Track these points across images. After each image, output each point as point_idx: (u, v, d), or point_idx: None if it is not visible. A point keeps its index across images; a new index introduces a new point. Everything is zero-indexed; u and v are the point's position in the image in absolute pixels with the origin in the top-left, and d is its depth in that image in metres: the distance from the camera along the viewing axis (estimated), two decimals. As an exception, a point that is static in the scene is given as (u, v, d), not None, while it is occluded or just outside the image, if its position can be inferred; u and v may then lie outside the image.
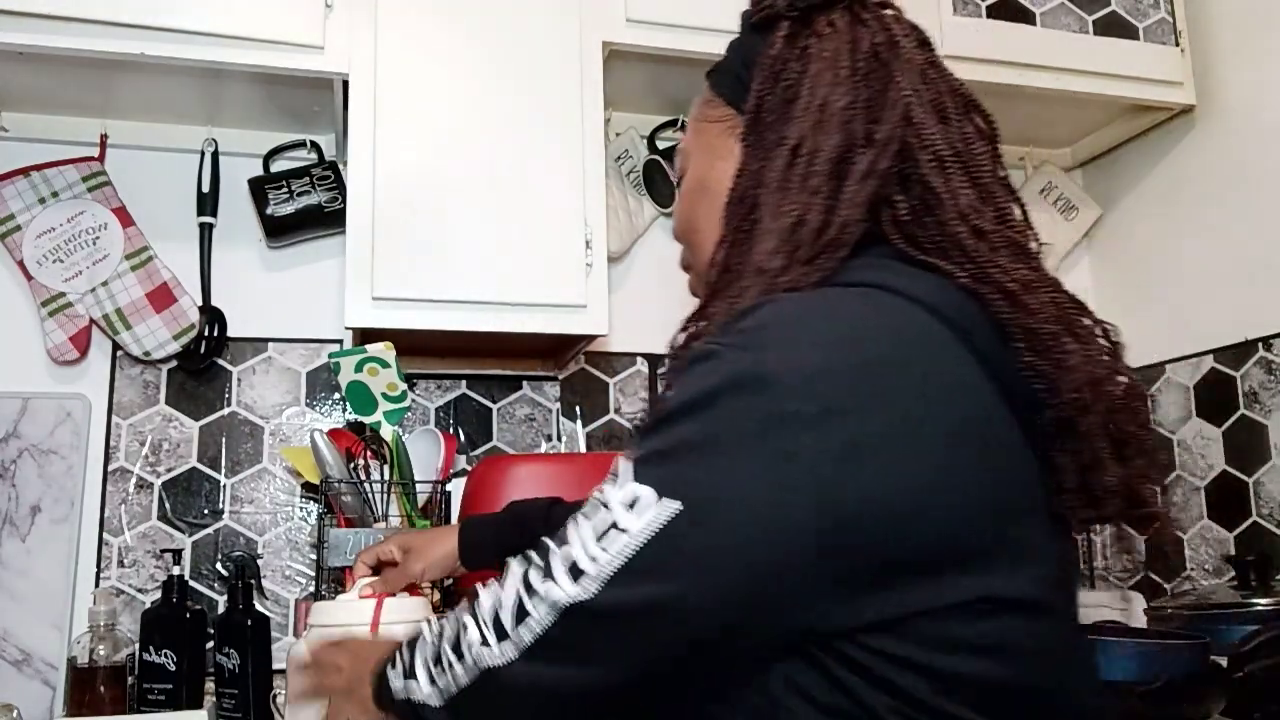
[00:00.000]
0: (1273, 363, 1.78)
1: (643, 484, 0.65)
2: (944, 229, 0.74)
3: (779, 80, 0.79)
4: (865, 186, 0.74)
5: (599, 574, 0.65)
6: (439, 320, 1.54)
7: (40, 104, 1.70)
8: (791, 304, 0.70)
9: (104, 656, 1.48)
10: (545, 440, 1.90)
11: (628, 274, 1.97)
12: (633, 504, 0.65)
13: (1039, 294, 0.72)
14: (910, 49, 0.80)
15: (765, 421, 0.63)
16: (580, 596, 0.66)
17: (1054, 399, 0.69)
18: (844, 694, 0.65)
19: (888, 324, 0.69)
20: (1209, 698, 1.28)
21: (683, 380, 0.68)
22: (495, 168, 1.56)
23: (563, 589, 0.67)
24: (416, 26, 1.56)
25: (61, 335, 1.66)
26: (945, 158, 0.76)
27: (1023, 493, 0.68)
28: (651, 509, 0.64)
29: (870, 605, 0.63)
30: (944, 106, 0.79)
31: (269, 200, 1.76)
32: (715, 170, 0.84)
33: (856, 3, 0.82)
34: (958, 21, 1.80)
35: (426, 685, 0.76)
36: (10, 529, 1.62)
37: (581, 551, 0.67)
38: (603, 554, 0.66)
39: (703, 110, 0.88)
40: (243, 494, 1.76)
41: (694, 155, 0.88)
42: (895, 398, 0.65)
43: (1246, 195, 1.85)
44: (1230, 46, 1.90)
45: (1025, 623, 0.66)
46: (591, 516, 0.68)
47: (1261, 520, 1.79)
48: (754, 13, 0.85)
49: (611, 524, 0.66)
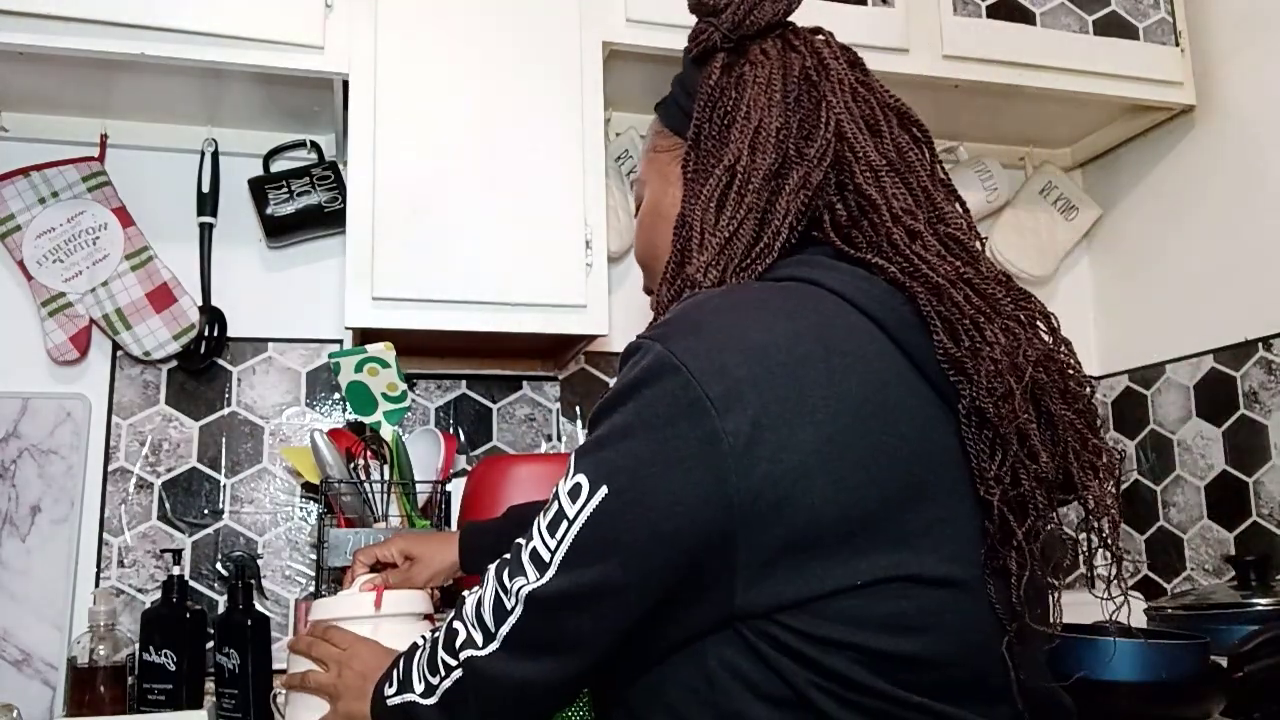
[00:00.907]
0: (1273, 363, 1.78)
1: (580, 473, 0.72)
2: (878, 230, 0.79)
3: (716, 107, 0.85)
4: (798, 199, 0.80)
5: (552, 561, 0.72)
6: (439, 320, 1.54)
7: (40, 104, 1.70)
8: (706, 297, 0.76)
9: (104, 656, 1.48)
10: (545, 440, 1.90)
11: (628, 274, 1.97)
12: (573, 492, 0.71)
13: (970, 286, 0.76)
14: (840, 70, 0.85)
15: (675, 406, 0.68)
16: (538, 583, 0.72)
17: (969, 386, 0.72)
18: (773, 672, 0.68)
19: (797, 311, 0.73)
20: (1209, 698, 1.28)
21: (618, 375, 0.75)
22: (495, 167, 1.56)
23: (527, 579, 0.73)
24: (416, 26, 1.56)
25: (61, 335, 1.66)
26: (878, 167, 0.81)
27: (936, 474, 0.71)
28: (585, 495, 0.70)
29: (788, 585, 0.67)
30: (876, 120, 0.84)
31: (269, 200, 1.76)
32: (668, 196, 0.90)
33: (789, 30, 0.88)
34: (958, 21, 1.80)
35: (420, 686, 0.81)
36: (10, 529, 1.62)
37: (540, 542, 0.73)
38: (554, 541, 0.72)
39: (654, 141, 0.94)
40: (243, 494, 1.76)
41: (649, 183, 0.94)
42: (797, 379, 0.68)
43: (1246, 195, 1.85)
44: (1230, 46, 1.90)
45: (940, 600, 0.68)
46: (548, 510, 0.74)
47: (1261, 520, 1.79)
48: (692, 47, 0.90)
49: (558, 512, 0.72)
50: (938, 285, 0.74)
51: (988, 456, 0.71)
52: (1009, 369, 0.71)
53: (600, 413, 0.74)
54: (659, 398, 0.69)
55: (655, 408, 0.69)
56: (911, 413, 0.71)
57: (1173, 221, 2.02)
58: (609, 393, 0.74)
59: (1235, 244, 1.87)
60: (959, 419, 0.72)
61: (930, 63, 1.77)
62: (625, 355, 0.75)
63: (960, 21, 1.81)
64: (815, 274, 0.77)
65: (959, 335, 0.73)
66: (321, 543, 1.53)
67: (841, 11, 1.73)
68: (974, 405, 0.72)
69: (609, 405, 0.73)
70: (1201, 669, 1.27)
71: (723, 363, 0.69)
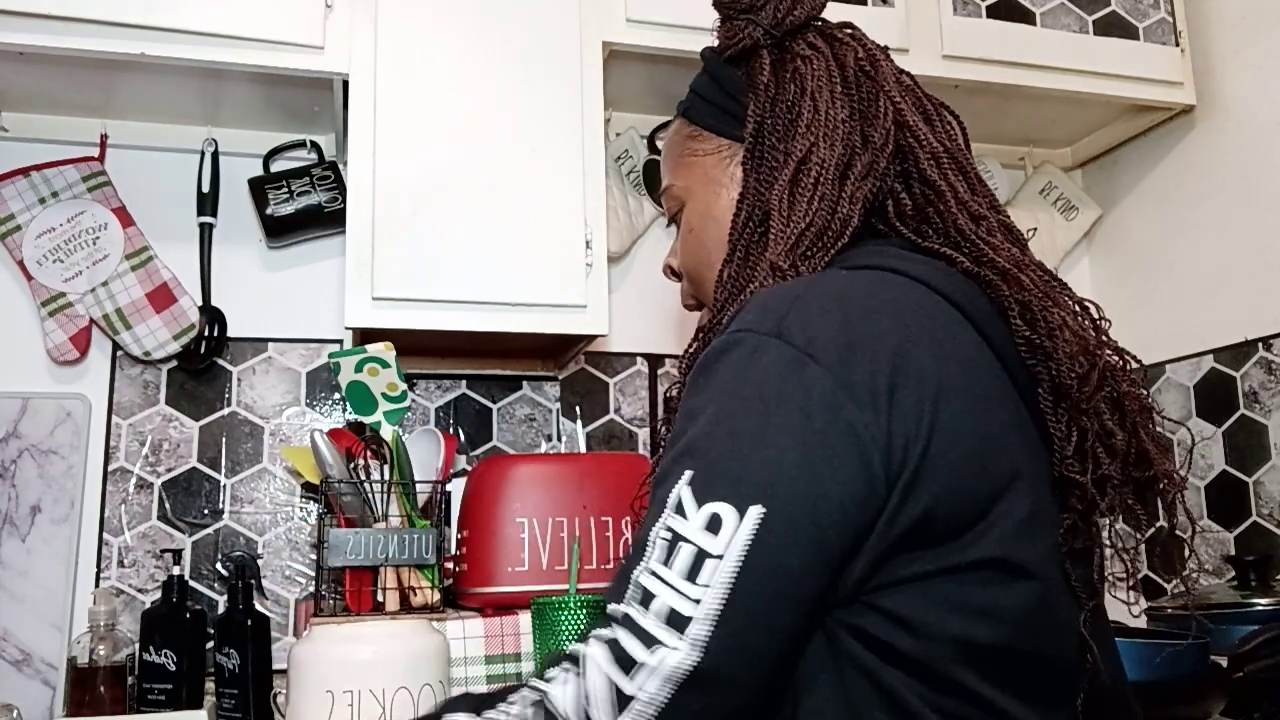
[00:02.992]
0: (1273, 363, 1.78)
1: (715, 501, 0.62)
2: (944, 218, 0.80)
3: (777, 103, 0.85)
4: (865, 185, 0.81)
5: (709, 611, 0.60)
6: (439, 320, 1.54)
7: (40, 104, 1.70)
8: (804, 287, 0.72)
9: (104, 656, 1.48)
10: (545, 440, 1.90)
11: (628, 274, 1.97)
12: (713, 525, 0.62)
13: (1029, 272, 0.77)
14: (886, 61, 0.88)
15: (810, 402, 0.64)
16: (695, 651, 0.60)
17: (1052, 366, 0.72)
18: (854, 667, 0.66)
19: (898, 300, 0.72)
20: (1209, 698, 1.28)
21: (708, 380, 0.68)
22: (495, 168, 1.56)
23: (673, 649, 0.60)
24: (416, 26, 1.56)
25: (61, 335, 1.66)
26: (939, 154, 0.83)
27: (1026, 463, 0.70)
28: (736, 523, 0.61)
29: (907, 563, 0.65)
30: (927, 109, 0.87)
31: (269, 200, 1.76)
32: (720, 199, 0.89)
33: (824, 25, 0.90)
34: (958, 21, 1.80)
35: None
36: (10, 529, 1.62)
37: (677, 597, 0.61)
38: (704, 589, 0.61)
39: (689, 145, 0.93)
40: (243, 494, 1.76)
41: (692, 190, 0.92)
42: (913, 369, 0.67)
43: (1246, 195, 1.85)
44: (1230, 46, 1.90)
45: (1029, 590, 0.67)
46: (667, 559, 0.62)
47: (1261, 520, 1.79)
48: (728, 46, 0.90)
49: (698, 554, 0.61)
50: (1006, 271, 0.75)
51: (1065, 437, 0.72)
52: (1082, 351, 0.73)
53: (711, 422, 0.65)
54: (790, 394, 0.64)
55: (789, 406, 0.64)
56: (1003, 402, 0.72)
57: (1173, 221, 2.02)
58: (708, 396, 0.67)
59: (1235, 244, 1.87)
60: (1030, 408, 0.73)
61: (930, 63, 1.77)
62: (713, 356, 0.69)
63: (960, 21, 1.81)
64: (896, 263, 0.76)
65: (1036, 320, 0.73)
66: (321, 543, 1.53)
67: (841, 11, 1.72)
68: (1055, 385, 0.72)
69: (726, 412, 0.65)
70: (1201, 669, 1.27)
71: (847, 352, 0.65)
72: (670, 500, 0.64)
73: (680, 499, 0.63)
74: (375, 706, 1.12)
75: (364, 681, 1.13)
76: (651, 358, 1.97)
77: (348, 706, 1.12)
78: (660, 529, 0.64)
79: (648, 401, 1.96)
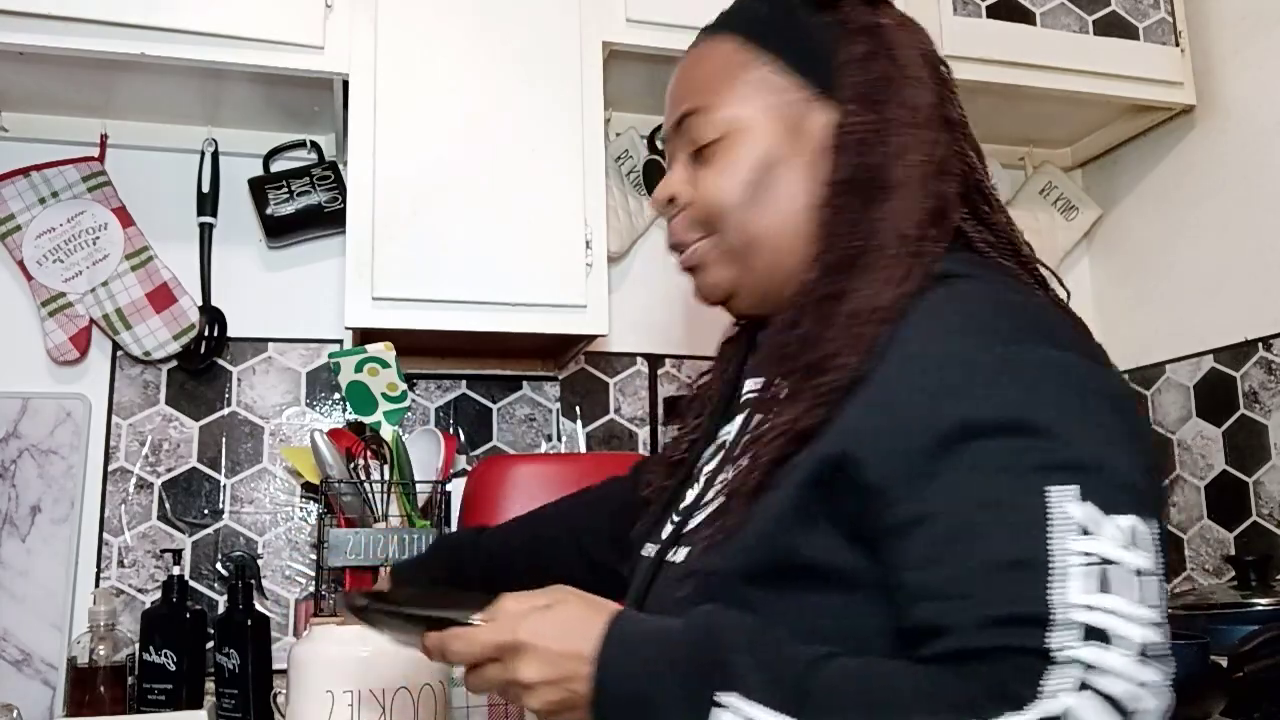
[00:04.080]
0: (1273, 363, 1.78)
1: (1124, 514, 0.60)
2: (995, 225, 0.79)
3: (882, 65, 0.79)
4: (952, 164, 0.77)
5: (1164, 633, 0.59)
6: (439, 320, 1.54)
7: (40, 104, 1.70)
8: (1022, 296, 0.72)
9: (104, 656, 1.48)
10: (545, 440, 1.90)
11: (628, 274, 1.97)
12: (1132, 542, 0.59)
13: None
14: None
15: (1115, 412, 0.64)
16: (1165, 671, 0.59)
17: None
18: None
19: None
20: (1209, 698, 1.28)
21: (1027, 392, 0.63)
22: (495, 168, 1.56)
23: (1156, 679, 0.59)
24: (416, 26, 1.56)
25: (61, 335, 1.66)
26: (981, 152, 0.82)
27: None
28: (1147, 533, 0.60)
29: None
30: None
31: (269, 200, 1.76)
32: (799, 149, 0.79)
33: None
34: (958, 21, 1.80)
35: None
36: (10, 529, 1.62)
37: (1144, 629, 0.58)
38: (1156, 611, 0.59)
39: (754, 72, 0.81)
40: (243, 494, 1.76)
41: (754, 128, 0.80)
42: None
43: (1246, 195, 1.85)
44: (1230, 46, 1.90)
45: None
46: (1115, 587, 0.58)
47: (1261, 520, 1.79)
48: None
49: (1136, 572, 0.59)
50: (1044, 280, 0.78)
51: None
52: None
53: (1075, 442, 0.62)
54: (1110, 407, 0.64)
55: (1113, 415, 0.64)
56: None
57: (1173, 221, 2.02)
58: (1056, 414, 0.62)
59: (1235, 244, 1.87)
60: None
61: (930, 63, 1.77)
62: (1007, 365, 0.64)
63: (960, 21, 1.80)
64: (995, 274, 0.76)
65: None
66: (321, 543, 1.53)
67: (841, 11, 1.72)
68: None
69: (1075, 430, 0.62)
70: (1201, 669, 1.27)
71: (1109, 365, 0.69)
72: (1078, 517, 0.59)
73: (1091, 518, 0.59)
74: (375, 706, 1.12)
75: (364, 681, 1.12)
76: (651, 358, 1.97)
77: (348, 706, 1.12)
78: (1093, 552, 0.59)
79: (648, 401, 1.96)
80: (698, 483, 0.85)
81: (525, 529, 1.15)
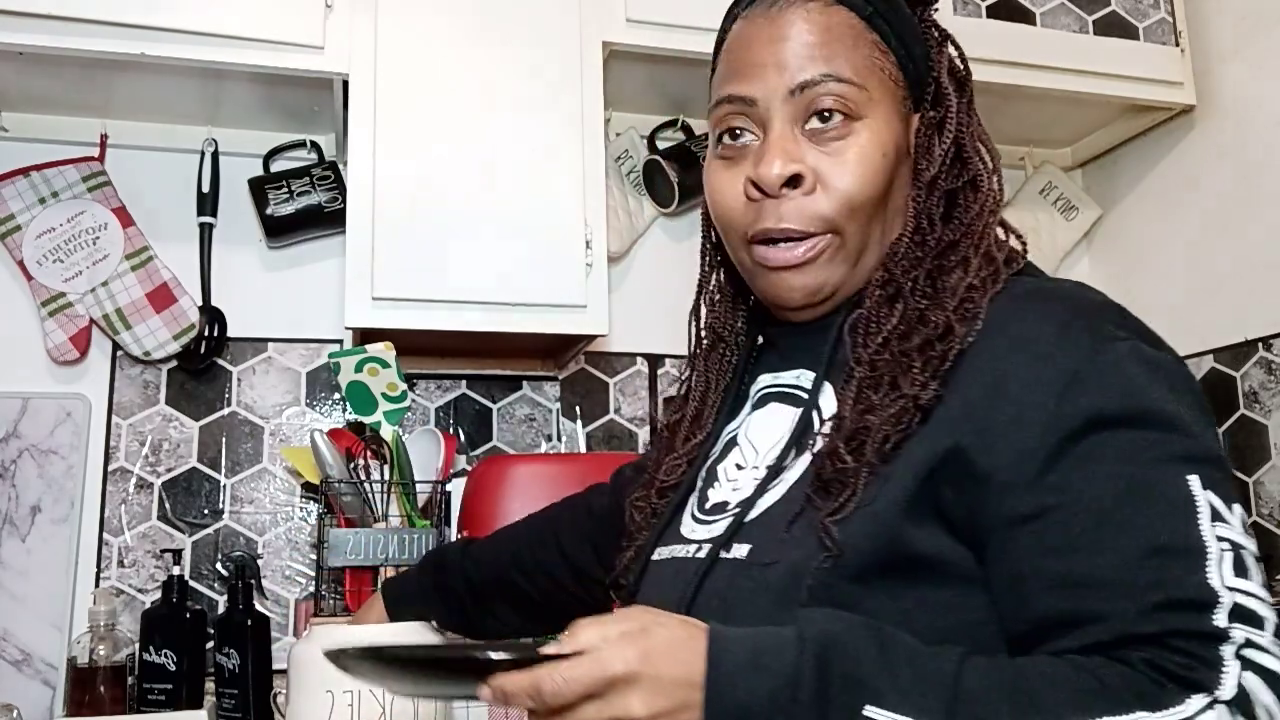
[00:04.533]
0: (1273, 363, 1.78)
1: (1236, 503, 0.63)
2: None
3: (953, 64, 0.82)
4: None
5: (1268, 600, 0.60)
6: (439, 320, 1.54)
7: (40, 104, 1.70)
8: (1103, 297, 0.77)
9: (104, 656, 1.48)
10: (545, 440, 1.90)
11: (628, 274, 1.97)
12: (1216, 515, 0.61)
13: None
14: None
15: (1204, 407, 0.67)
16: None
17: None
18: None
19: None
20: (1209, 698, 1.28)
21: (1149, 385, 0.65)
22: (495, 168, 1.56)
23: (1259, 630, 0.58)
24: (416, 26, 1.56)
25: (61, 335, 1.66)
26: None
27: None
28: (1223, 505, 0.62)
29: None
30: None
31: (269, 200, 1.76)
32: (898, 143, 0.77)
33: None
34: (958, 21, 1.80)
35: None
36: (10, 529, 1.62)
37: (1272, 610, 0.59)
38: (1255, 582, 0.60)
39: (878, 58, 0.77)
40: (243, 494, 1.76)
41: (878, 112, 0.76)
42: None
43: (1246, 195, 1.85)
44: (1230, 46, 1.90)
45: None
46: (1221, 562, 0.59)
47: (1261, 520, 1.79)
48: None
49: (1255, 557, 0.61)
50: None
51: None
52: None
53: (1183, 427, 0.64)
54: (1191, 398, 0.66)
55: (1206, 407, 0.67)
56: None
57: (1172, 222, 2.02)
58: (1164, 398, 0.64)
59: (1235, 244, 1.87)
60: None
61: (930, 63, 1.77)
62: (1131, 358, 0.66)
63: (960, 21, 1.80)
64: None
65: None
66: (321, 543, 1.53)
67: (841, 11, 1.73)
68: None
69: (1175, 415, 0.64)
70: (1201, 669, 1.27)
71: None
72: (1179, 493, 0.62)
73: (1199, 495, 0.62)
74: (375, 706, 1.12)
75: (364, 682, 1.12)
76: (651, 358, 1.97)
77: (348, 706, 1.12)
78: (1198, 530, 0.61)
79: (648, 402, 1.96)
80: (720, 482, 0.82)
81: (511, 540, 1.15)
